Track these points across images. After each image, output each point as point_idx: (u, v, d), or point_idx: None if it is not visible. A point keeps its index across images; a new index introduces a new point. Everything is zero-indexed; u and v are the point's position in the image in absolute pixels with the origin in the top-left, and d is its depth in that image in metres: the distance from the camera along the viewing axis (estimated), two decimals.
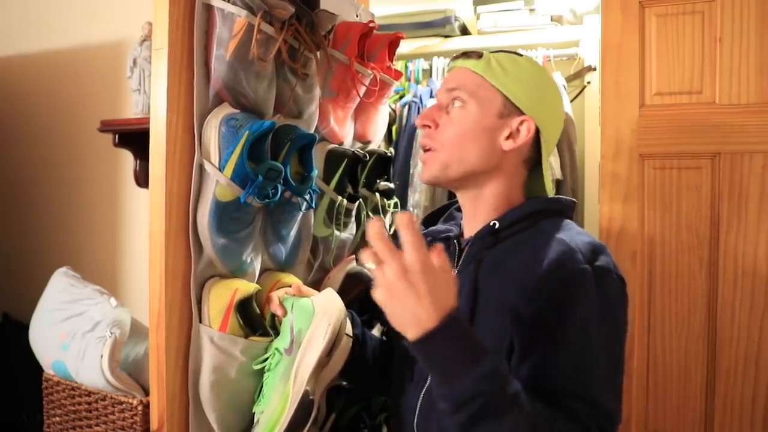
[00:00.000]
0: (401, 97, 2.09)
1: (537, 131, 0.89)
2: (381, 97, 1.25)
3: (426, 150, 0.93)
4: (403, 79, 2.04)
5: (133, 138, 1.63)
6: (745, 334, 1.38)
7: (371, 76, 1.18)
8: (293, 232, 1.04)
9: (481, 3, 2.17)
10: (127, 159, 1.73)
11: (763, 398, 1.37)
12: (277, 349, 0.90)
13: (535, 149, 0.91)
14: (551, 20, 2.09)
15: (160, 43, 0.85)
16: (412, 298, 0.63)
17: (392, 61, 1.29)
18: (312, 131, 1.08)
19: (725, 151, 1.39)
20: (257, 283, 0.98)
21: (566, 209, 0.92)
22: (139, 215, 1.77)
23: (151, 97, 0.87)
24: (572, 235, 0.84)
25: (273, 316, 0.98)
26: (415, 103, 2.00)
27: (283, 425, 0.84)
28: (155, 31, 0.86)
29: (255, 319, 0.93)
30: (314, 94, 1.06)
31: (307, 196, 0.98)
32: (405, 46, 2.07)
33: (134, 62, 1.55)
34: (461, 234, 0.96)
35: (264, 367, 0.90)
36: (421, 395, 0.89)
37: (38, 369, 1.22)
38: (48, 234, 1.88)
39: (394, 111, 2.04)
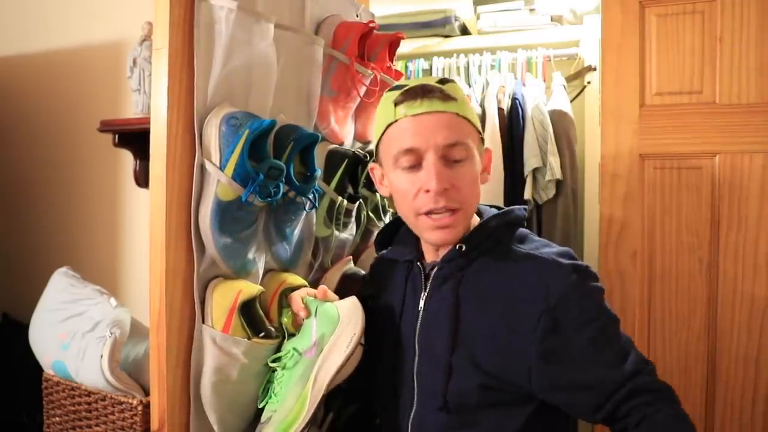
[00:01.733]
0: None
1: None
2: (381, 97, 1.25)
3: (443, 211, 0.85)
4: (403, 79, 2.04)
5: (133, 138, 1.63)
6: (745, 334, 1.38)
7: (371, 76, 1.18)
8: (296, 232, 1.04)
9: (481, 3, 2.17)
10: (127, 159, 1.73)
11: (763, 398, 1.37)
12: (295, 349, 0.90)
13: None
14: (551, 20, 2.10)
15: (161, 43, 0.85)
16: None
17: (392, 62, 1.29)
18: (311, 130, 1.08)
19: (725, 151, 1.39)
20: (261, 283, 0.98)
21: (520, 218, 0.92)
22: (139, 215, 1.77)
23: (151, 97, 0.87)
24: (539, 248, 0.86)
25: (281, 317, 0.98)
26: None
27: (299, 426, 0.84)
28: (156, 30, 0.86)
29: (258, 321, 0.93)
30: None
31: (311, 196, 0.98)
32: (405, 46, 2.07)
33: (134, 62, 1.55)
34: (421, 256, 0.95)
35: (277, 366, 0.90)
36: (410, 420, 0.89)
37: (38, 369, 1.22)
38: (48, 234, 1.88)
39: None
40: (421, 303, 0.90)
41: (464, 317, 0.85)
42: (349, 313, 0.92)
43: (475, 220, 0.92)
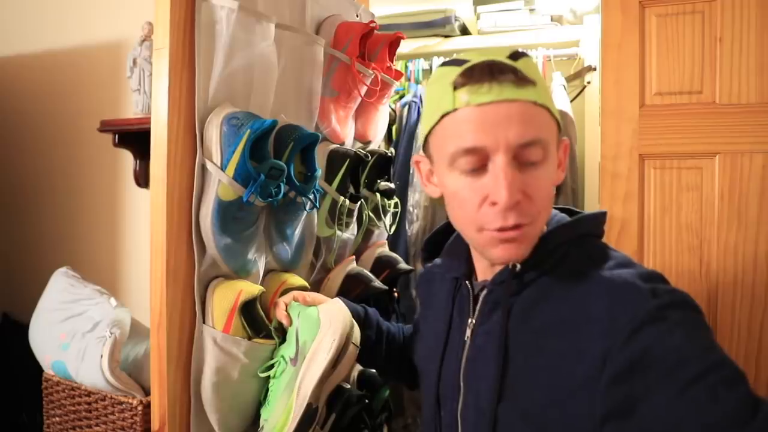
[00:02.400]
0: (401, 97, 2.09)
1: None
2: (381, 97, 1.26)
3: (510, 226, 0.67)
4: (403, 79, 2.04)
5: (133, 138, 1.63)
6: (745, 334, 1.38)
7: (372, 76, 1.18)
8: (297, 232, 1.04)
9: (481, 3, 2.17)
10: (127, 159, 1.73)
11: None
12: (282, 356, 0.90)
13: None
14: (551, 20, 2.09)
15: (161, 43, 0.85)
16: None
17: (393, 62, 1.29)
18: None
19: (725, 151, 1.39)
20: (261, 283, 0.98)
21: (593, 227, 0.74)
22: (139, 215, 1.77)
23: (152, 97, 0.87)
24: (612, 268, 0.67)
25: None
26: (415, 103, 2.00)
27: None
28: (156, 30, 0.86)
29: (259, 321, 0.93)
30: None
31: (312, 196, 0.98)
32: (405, 46, 2.07)
33: (134, 62, 1.55)
34: (472, 273, 0.80)
35: (268, 374, 0.91)
36: (459, 411, 0.75)
37: (38, 369, 1.22)
38: (48, 234, 1.88)
39: (394, 111, 2.04)
40: (468, 332, 0.75)
41: (514, 358, 0.69)
42: (330, 316, 0.90)
43: None
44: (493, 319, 0.72)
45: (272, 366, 0.91)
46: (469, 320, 0.76)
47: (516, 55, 0.67)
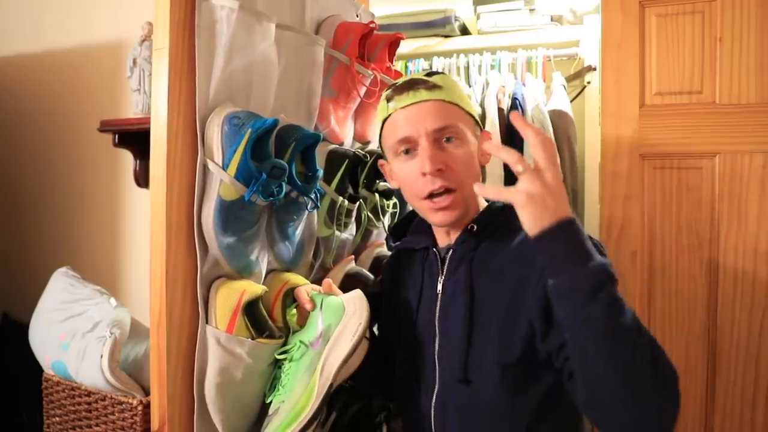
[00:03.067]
0: None
1: None
2: (381, 97, 1.26)
3: (442, 192, 0.89)
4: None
5: (133, 138, 1.63)
6: (745, 334, 1.38)
7: (372, 77, 1.18)
8: (298, 232, 1.05)
9: (481, 3, 2.17)
10: (127, 159, 1.73)
11: (763, 398, 1.37)
12: (301, 341, 0.90)
13: None
14: (551, 20, 2.10)
15: (161, 43, 0.85)
16: (562, 197, 0.72)
17: (392, 62, 1.29)
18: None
19: (725, 151, 1.40)
20: (263, 283, 0.98)
21: None
22: (139, 215, 1.77)
23: (152, 98, 0.87)
24: None
25: (285, 317, 0.98)
26: None
27: (306, 417, 0.84)
28: (156, 30, 0.85)
29: (262, 321, 0.93)
30: None
31: (313, 196, 0.99)
32: (405, 46, 2.08)
33: (134, 62, 1.55)
34: (435, 243, 0.97)
35: (284, 357, 0.90)
36: (433, 400, 0.91)
37: (38, 369, 1.22)
38: (48, 234, 1.88)
39: None
40: (439, 287, 0.93)
41: (478, 297, 0.87)
42: (354, 304, 0.93)
43: (483, 202, 0.96)
44: (459, 271, 0.91)
45: (287, 351, 0.91)
46: (440, 278, 0.94)
47: (430, 74, 0.93)
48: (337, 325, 0.90)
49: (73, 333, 1.14)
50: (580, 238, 0.70)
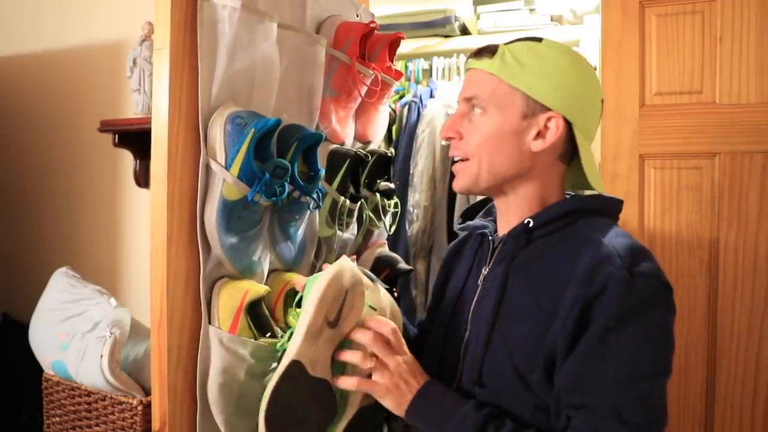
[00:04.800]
0: (401, 97, 2.09)
1: (569, 124, 0.83)
2: (381, 97, 1.26)
3: (456, 160, 0.89)
4: (403, 79, 2.04)
5: (133, 138, 1.63)
6: (745, 334, 1.38)
7: (372, 77, 1.18)
8: (300, 232, 1.05)
9: (481, 3, 2.17)
10: (127, 159, 1.73)
11: (763, 398, 1.37)
12: (291, 328, 0.86)
13: (570, 142, 0.85)
14: (551, 20, 2.09)
15: (162, 43, 0.85)
16: (408, 375, 0.80)
17: (392, 62, 1.29)
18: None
19: (725, 151, 1.40)
20: (265, 283, 0.98)
21: (607, 208, 0.87)
22: (139, 215, 1.77)
23: (152, 98, 0.87)
24: (610, 237, 0.79)
25: (287, 317, 0.98)
26: (415, 103, 2.00)
27: (267, 392, 0.78)
28: (157, 30, 0.85)
29: (265, 321, 0.93)
30: None
31: (315, 195, 0.98)
32: (405, 46, 2.07)
33: (134, 62, 1.55)
34: (496, 231, 0.93)
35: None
36: (464, 344, 0.87)
37: (38, 369, 1.22)
38: (48, 234, 1.88)
39: (394, 111, 2.04)
40: (481, 278, 0.89)
41: (509, 297, 0.82)
42: (325, 272, 0.84)
43: (553, 197, 0.88)
44: (501, 266, 0.85)
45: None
46: (485, 269, 0.89)
47: (518, 39, 0.86)
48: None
49: (73, 333, 1.14)
50: (437, 403, 0.78)
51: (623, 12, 1.46)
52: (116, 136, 1.62)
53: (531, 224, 0.83)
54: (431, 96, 2.01)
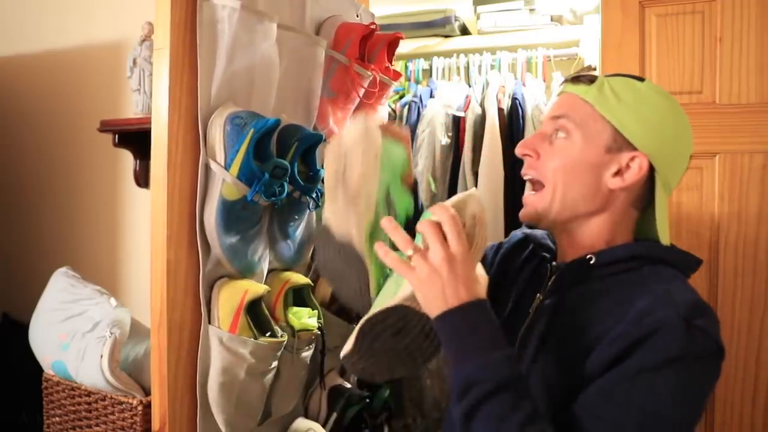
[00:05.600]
0: (401, 97, 2.09)
1: (651, 168, 0.78)
2: (380, 98, 1.26)
3: (528, 180, 0.84)
4: (402, 79, 2.04)
5: (133, 138, 1.63)
6: (745, 334, 1.38)
7: (371, 78, 1.18)
8: (299, 231, 1.05)
9: (481, 3, 2.17)
10: (127, 159, 1.73)
11: (763, 398, 1.37)
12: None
13: (649, 190, 0.80)
14: (551, 20, 2.09)
15: (162, 43, 0.85)
16: (451, 282, 0.67)
17: (391, 62, 1.29)
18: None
19: (725, 151, 1.40)
20: (265, 283, 0.98)
21: (680, 261, 0.81)
22: (139, 215, 1.77)
23: (152, 98, 0.87)
24: (675, 286, 0.74)
25: (287, 315, 0.98)
26: (415, 103, 2.00)
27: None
28: (157, 31, 0.86)
29: (264, 321, 0.93)
30: None
31: (314, 195, 0.99)
32: (405, 46, 2.07)
33: (134, 62, 1.55)
34: (555, 256, 0.88)
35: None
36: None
37: (38, 369, 1.22)
38: (48, 234, 1.88)
39: (394, 111, 2.04)
40: (534, 304, 0.83)
41: (555, 331, 0.78)
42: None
43: (619, 239, 0.83)
44: (555, 297, 0.81)
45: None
46: (538, 296, 0.84)
47: (617, 75, 0.83)
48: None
49: (73, 333, 1.14)
50: (467, 329, 0.66)
51: (623, 12, 1.46)
52: (116, 136, 1.62)
53: (593, 260, 0.79)
54: (431, 96, 2.01)
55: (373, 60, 1.23)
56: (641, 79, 0.82)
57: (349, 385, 1.21)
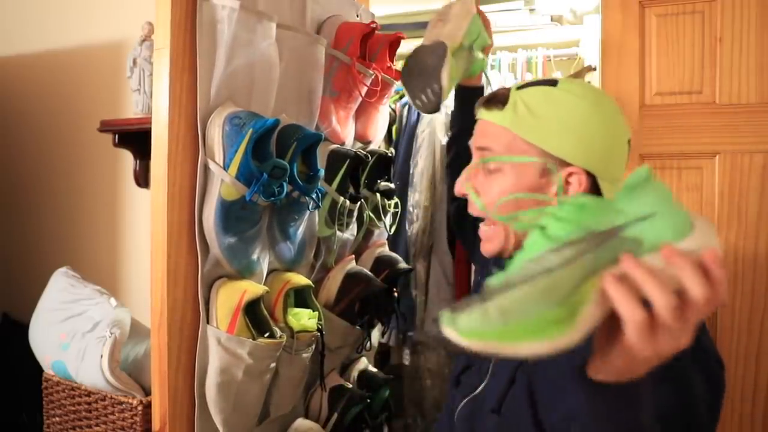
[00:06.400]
0: (401, 97, 2.08)
1: (592, 176, 0.76)
2: (382, 97, 1.26)
3: (482, 220, 0.83)
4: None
5: (133, 138, 1.63)
6: (745, 333, 1.38)
7: (372, 77, 1.18)
8: (300, 232, 1.05)
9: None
10: (127, 159, 1.73)
11: (763, 397, 1.37)
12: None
13: (597, 190, 0.77)
14: (551, 20, 2.09)
15: (162, 43, 0.85)
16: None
17: (393, 62, 1.29)
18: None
19: (725, 151, 1.39)
20: (265, 283, 0.98)
21: None
22: (139, 215, 1.77)
23: (152, 98, 0.87)
24: None
25: (286, 316, 0.98)
26: None
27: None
28: (157, 31, 0.86)
29: (263, 321, 0.93)
30: None
31: (314, 195, 0.98)
32: (405, 46, 2.07)
33: (134, 62, 1.55)
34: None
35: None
36: (464, 401, 0.85)
37: (38, 369, 1.22)
38: (48, 234, 1.88)
39: (394, 111, 2.04)
40: None
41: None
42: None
43: None
44: None
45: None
46: None
47: (526, 85, 0.80)
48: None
49: (73, 333, 1.14)
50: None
51: (623, 12, 1.46)
52: (116, 136, 1.62)
53: None
54: None
55: (375, 59, 1.23)
56: (554, 83, 0.78)
57: (350, 386, 1.21)
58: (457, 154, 1.17)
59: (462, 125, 1.18)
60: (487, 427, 0.80)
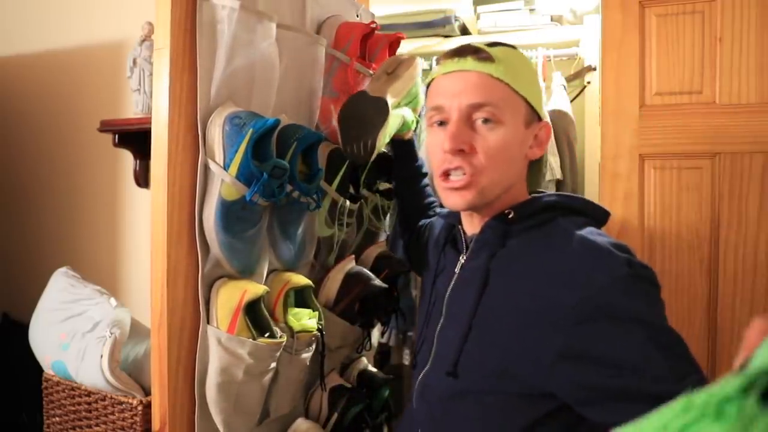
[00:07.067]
0: None
1: None
2: None
3: (457, 172, 0.81)
4: None
5: (133, 138, 1.63)
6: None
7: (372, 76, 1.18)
8: (300, 232, 1.05)
9: (481, 3, 2.17)
10: (127, 159, 1.73)
11: None
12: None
13: None
14: (551, 20, 2.10)
15: (162, 43, 0.85)
16: None
17: None
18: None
19: (725, 151, 1.39)
20: (265, 283, 0.98)
21: (592, 212, 0.83)
22: (139, 215, 1.77)
23: (152, 97, 0.87)
24: (593, 235, 0.75)
25: (286, 316, 0.98)
26: None
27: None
28: (157, 31, 0.86)
29: (263, 321, 0.93)
30: None
31: (315, 195, 0.98)
32: (405, 46, 2.07)
33: (134, 62, 1.55)
34: (462, 226, 0.90)
35: None
36: (420, 377, 0.87)
37: (38, 369, 1.22)
38: (48, 234, 1.88)
39: None
40: (458, 267, 0.86)
41: (492, 291, 0.78)
42: None
43: (525, 194, 0.87)
44: (480, 258, 0.82)
45: None
46: (462, 257, 0.87)
47: (493, 44, 0.82)
48: None
49: (73, 333, 1.14)
50: None
51: (623, 12, 1.46)
52: (116, 136, 1.62)
53: (511, 215, 0.81)
54: None
55: (375, 59, 1.23)
56: (505, 44, 0.83)
57: (349, 386, 1.21)
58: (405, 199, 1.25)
59: (402, 173, 1.26)
60: (442, 389, 0.80)
